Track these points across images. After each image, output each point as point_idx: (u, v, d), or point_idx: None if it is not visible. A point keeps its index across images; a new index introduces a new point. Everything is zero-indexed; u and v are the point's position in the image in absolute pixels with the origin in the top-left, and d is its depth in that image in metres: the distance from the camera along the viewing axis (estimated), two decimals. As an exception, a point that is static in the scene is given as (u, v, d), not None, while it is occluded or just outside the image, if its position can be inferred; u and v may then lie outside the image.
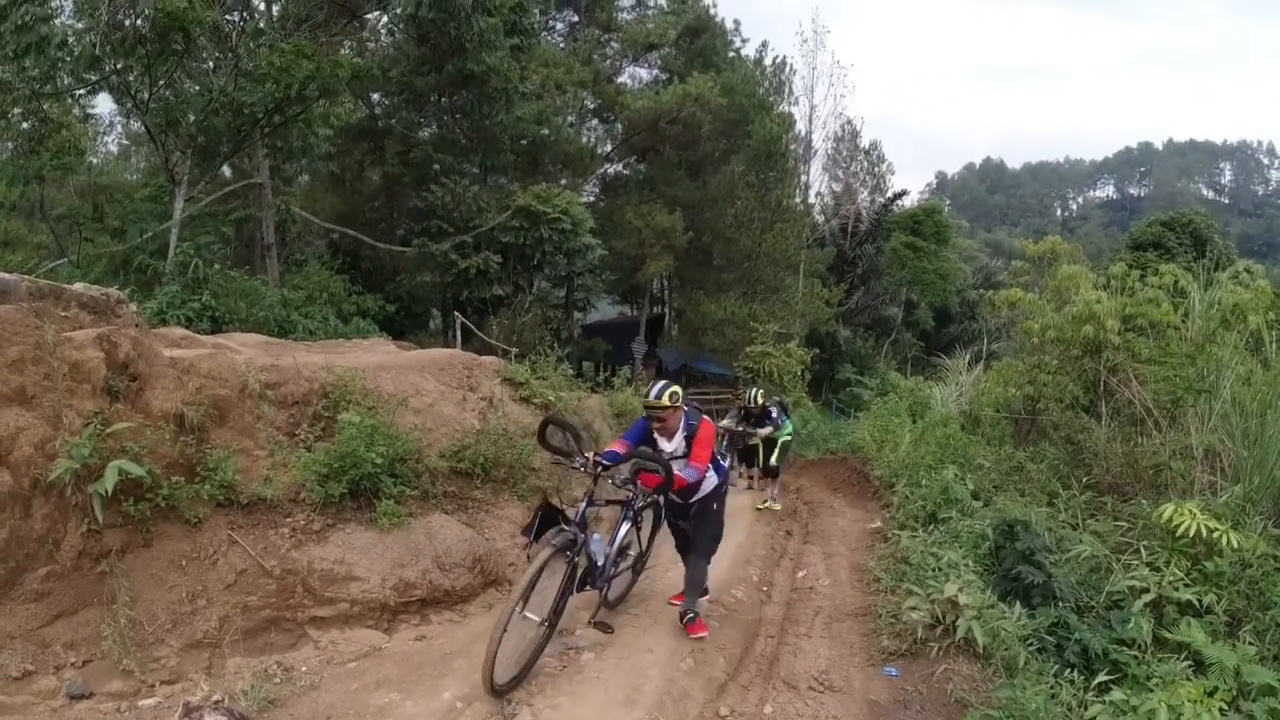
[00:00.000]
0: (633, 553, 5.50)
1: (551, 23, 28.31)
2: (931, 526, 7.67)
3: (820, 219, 33.74)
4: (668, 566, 6.14)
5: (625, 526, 5.06)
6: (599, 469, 4.61)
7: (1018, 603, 5.41)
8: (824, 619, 6.03)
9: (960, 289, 37.85)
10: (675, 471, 4.55)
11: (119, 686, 4.04)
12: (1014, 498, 8.39)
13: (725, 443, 9.88)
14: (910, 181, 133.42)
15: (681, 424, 5.00)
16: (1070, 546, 6.38)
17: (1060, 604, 5.41)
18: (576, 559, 4.40)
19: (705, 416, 5.13)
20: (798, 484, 12.49)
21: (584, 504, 4.59)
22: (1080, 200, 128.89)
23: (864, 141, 36.74)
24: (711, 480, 5.21)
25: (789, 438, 10.27)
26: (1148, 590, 5.46)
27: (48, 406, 4.35)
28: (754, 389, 10.00)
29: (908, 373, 24.55)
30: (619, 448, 4.79)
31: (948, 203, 70.98)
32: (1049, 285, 12.46)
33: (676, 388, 4.92)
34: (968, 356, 18.73)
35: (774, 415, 9.84)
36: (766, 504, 9.96)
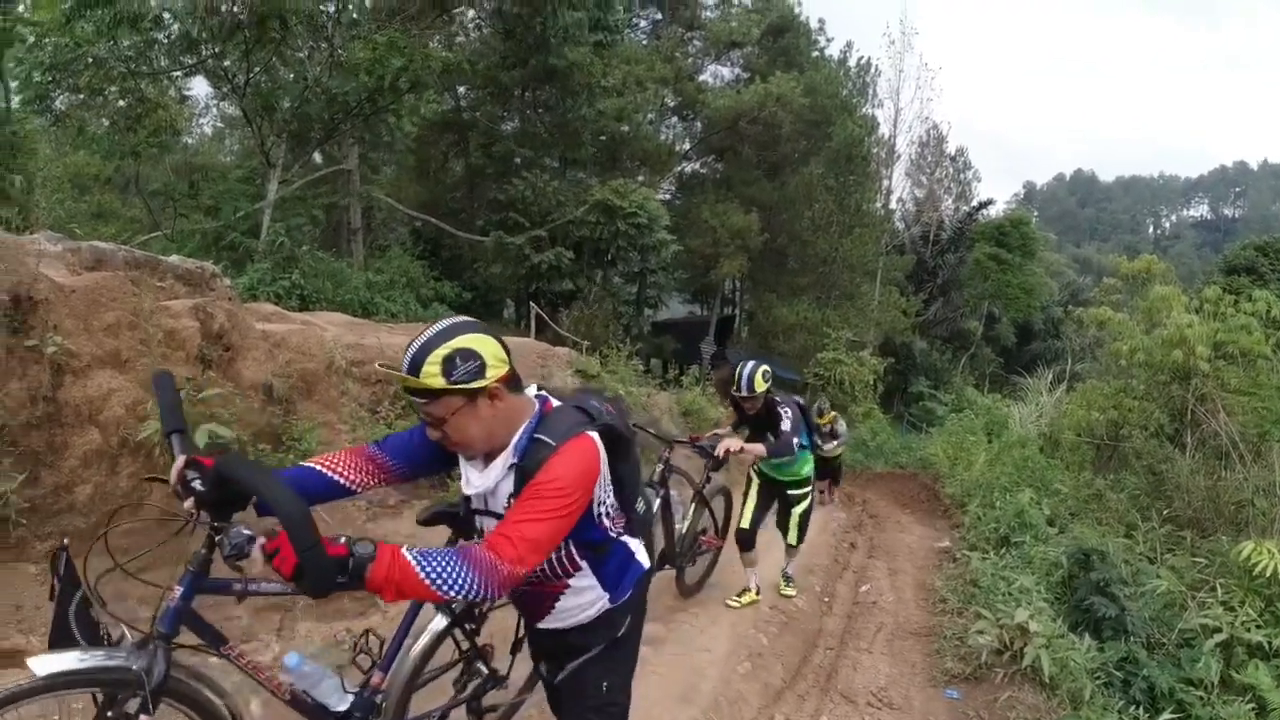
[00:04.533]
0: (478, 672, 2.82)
1: (635, 20, 28.42)
2: (1004, 550, 7.51)
3: (901, 225, 33.03)
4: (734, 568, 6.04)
5: (431, 631, 2.60)
6: (194, 512, 1.98)
7: (1088, 634, 5.28)
8: (886, 635, 5.93)
9: (1045, 305, 36.52)
10: (410, 562, 1.70)
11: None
12: (1091, 526, 8.15)
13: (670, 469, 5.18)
14: (997, 190, 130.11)
15: (518, 439, 1.91)
16: (1146, 580, 6.22)
17: (1131, 639, 5.30)
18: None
19: (588, 430, 1.92)
20: (863, 496, 12.30)
21: (180, 587, 1.98)
22: (1173, 218, 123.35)
23: (950, 147, 35.84)
24: (590, 599, 2.16)
25: (807, 488, 5.62)
26: (1219, 630, 5.27)
27: (141, 370, 4.51)
28: (750, 363, 5.19)
29: (985, 389, 23.94)
30: (329, 469, 2.08)
31: (1035, 214, 68.53)
32: (1140, 306, 11.98)
33: (476, 341, 1.81)
34: (1050, 376, 18.18)
35: (785, 423, 4.99)
36: (745, 597, 5.59)
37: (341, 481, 2.06)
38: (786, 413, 5.07)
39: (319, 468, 2.06)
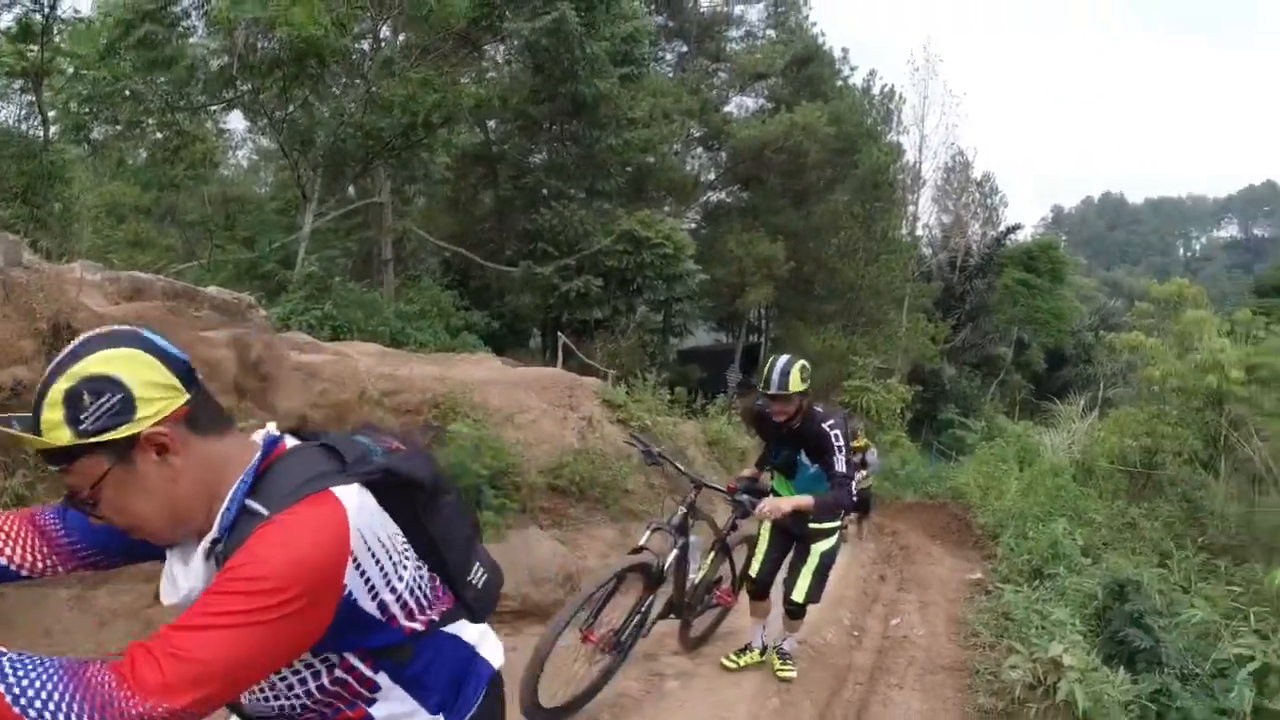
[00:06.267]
0: None
1: (661, 53, 28.82)
2: (1037, 582, 7.49)
3: (928, 252, 32.95)
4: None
5: None
6: None
7: (1122, 667, 5.23)
8: (917, 670, 5.86)
9: (1076, 330, 36.12)
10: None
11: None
12: (1125, 556, 8.08)
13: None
14: (1025, 215, 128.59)
15: (225, 507, 1.13)
16: (1180, 610, 6.17)
17: (1165, 670, 5.27)
18: None
19: (333, 485, 1.12)
20: (893, 526, 12.22)
21: None
22: (1204, 239, 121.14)
23: (976, 172, 35.83)
24: None
25: (836, 525, 4.40)
26: (1253, 658, 5.20)
27: (179, 402, 4.67)
28: (784, 356, 4.00)
29: (1016, 416, 23.65)
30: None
31: (1064, 238, 67.76)
32: (1172, 330, 11.86)
33: (116, 361, 1.04)
34: (1082, 402, 17.99)
35: (838, 458, 3.87)
36: (745, 657, 4.75)
37: None
38: (837, 437, 3.87)
39: None
